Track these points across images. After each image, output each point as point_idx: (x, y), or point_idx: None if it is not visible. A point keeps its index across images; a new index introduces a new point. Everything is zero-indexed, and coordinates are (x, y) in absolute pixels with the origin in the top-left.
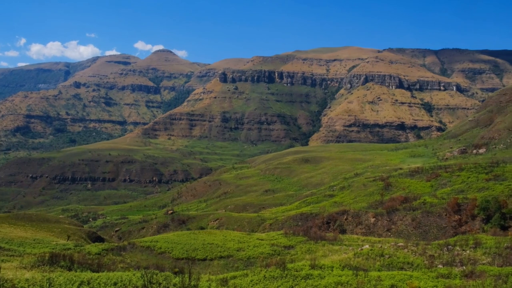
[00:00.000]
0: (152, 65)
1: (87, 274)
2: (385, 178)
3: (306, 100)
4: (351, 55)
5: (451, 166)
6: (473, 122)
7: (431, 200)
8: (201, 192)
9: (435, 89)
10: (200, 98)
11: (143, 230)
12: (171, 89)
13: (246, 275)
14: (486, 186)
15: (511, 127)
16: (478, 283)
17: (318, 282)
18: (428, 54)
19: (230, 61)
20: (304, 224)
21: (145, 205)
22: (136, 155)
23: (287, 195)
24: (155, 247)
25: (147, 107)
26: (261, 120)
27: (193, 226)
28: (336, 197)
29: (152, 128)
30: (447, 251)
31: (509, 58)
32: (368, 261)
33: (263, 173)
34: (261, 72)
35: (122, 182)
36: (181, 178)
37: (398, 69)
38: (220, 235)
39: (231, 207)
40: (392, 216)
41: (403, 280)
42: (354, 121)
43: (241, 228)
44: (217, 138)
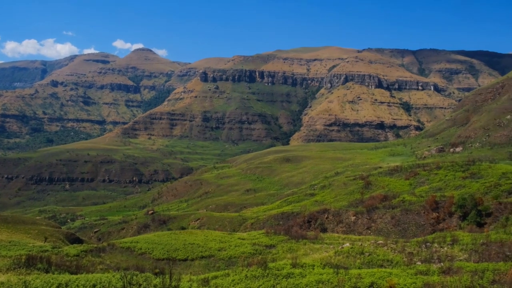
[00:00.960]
0: (132, 64)
1: (65, 276)
2: (365, 177)
3: (287, 99)
4: (331, 55)
5: (429, 165)
6: (450, 121)
7: (410, 198)
8: (182, 192)
9: (414, 88)
10: (180, 97)
11: (123, 231)
12: (151, 88)
13: (227, 275)
14: (462, 184)
15: (487, 126)
16: (456, 279)
17: (299, 281)
18: (406, 54)
19: (210, 60)
20: (285, 223)
21: (125, 205)
22: (115, 155)
23: (268, 195)
24: (135, 248)
25: (127, 106)
26: (242, 119)
27: (174, 226)
28: (317, 196)
29: (132, 128)
30: (426, 248)
31: (484, 58)
32: (348, 259)
33: (244, 172)
34: (242, 72)
35: (101, 182)
36: (161, 178)
37: (377, 69)
38: (201, 235)
39: (212, 207)
40: (372, 215)
41: (382, 277)
42: (335, 121)
43: (223, 228)
44: (198, 137)
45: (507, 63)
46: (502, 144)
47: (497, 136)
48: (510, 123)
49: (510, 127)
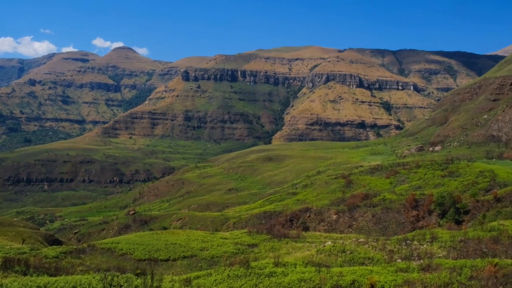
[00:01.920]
0: (112, 62)
1: (44, 279)
2: (346, 176)
3: (269, 99)
4: (313, 55)
5: (409, 164)
6: (429, 120)
7: (390, 197)
8: (163, 192)
9: (394, 88)
10: (162, 96)
11: (104, 232)
12: (132, 87)
13: (209, 275)
14: (441, 182)
15: (465, 126)
16: (435, 276)
17: (281, 280)
18: (386, 54)
19: (192, 59)
20: (267, 222)
21: (105, 206)
22: (95, 154)
23: (250, 194)
24: (116, 249)
25: (107, 105)
26: (224, 119)
27: (156, 226)
28: (299, 195)
29: (112, 127)
30: (406, 246)
31: (462, 59)
32: (330, 257)
33: (227, 172)
34: (224, 71)
35: (81, 182)
36: (143, 178)
37: (358, 68)
38: (183, 235)
39: (195, 207)
40: (354, 213)
41: (363, 275)
42: (316, 120)
43: (205, 228)
44: (179, 137)
45: (484, 64)
46: (479, 143)
47: (474, 136)
48: (487, 122)
49: (487, 126)
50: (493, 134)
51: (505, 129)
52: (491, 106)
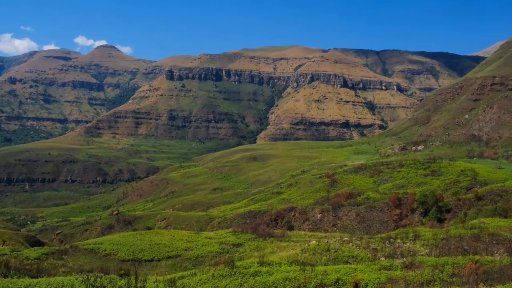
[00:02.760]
0: (95, 61)
1: (25, 281)
2: (330, 175)
3: (254, 98)
4: (297, 54)
5: (392, 163)
6: (412, 120)
7: (374, 196)
8: (147, 192)
9: (377, 88)
10: (146, 95)
11: (87, 232)
12: (116, 86)
13: (194, 275)
14: (424, 181)
15: (447, 125)
16: (417, 273)
17: (266, 279)
18: (370, 54)
19: (176, 58)
20: (252, 221)
21: (88, 206)
22: (78, 154)
23: (235, 193)
24: (100, 250)
25: (90, 104)
26: (208, 118)
27: (140, 226)
28: (284, 194)
29: (95, 126)
30: (389, 244)
31: (444, 60)
32: (315, 256)
33: (211, 171)
34: (208, 70)
35: (63, 182)
36: (126, 178)
37: (342, 68)
38: (168, 235)
39: (179, 206)
40: (338, 212)
41: (348, 273)
42: (301, 119)
43: (189, 227)
44: (164, 136)
45: (465, 65)
46: (461, 143)
47: (456, 135)
48: (468, 122)
49: (468, 126)
50: (474, 134)
51: (486, 128)
52: (472, 106)
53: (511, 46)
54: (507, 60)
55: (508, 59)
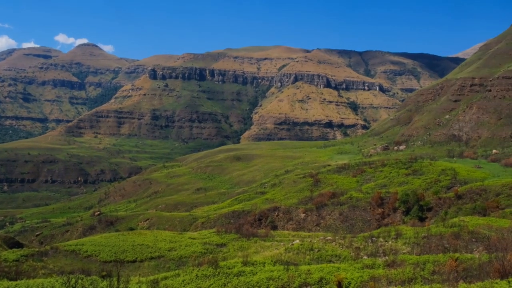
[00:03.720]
0: (76, 59)
1: (3, 283)
2: (314, 175)
3: (238, 98)
4: (281, 54)
5: (374, 162)
6: (394, 120)
7: (357, 195)
8: (130, 192)
9: (360, 89)
10: (128, 95)
11: (68, 233)
12: (97, 85)
13: (177, 275)
14: (406, 181)
15: (428, 125)
16: (399, 271)
17: (250, 279)
18: (353, 55)
19: (160, 58)
20: (236, 221)
21: (69, 206)
22: (59, 154)
23: (219, 193)
24: (81, 251)
25: (71, 103)
26: (192, 118)
27: (122, 227)
28: (268, 194)
29: (76, 126)
30: (372, 243)
31: (425, 61)
32: (298, 255)
33: (195, 171)
34: (192, 70)
35: (44, 183)
36: (108, 178)
37: (326, 69)
38: (151, 236)
39: (162, 207)
40: (321, 211)
41: (331, 272)
42: (285, 119)
43: (173, 228)
44: (146, 136)
45: (446, 66)
46: (441, 142)
47: (437, 135)
48: (449, 122)
49: (449, 126)
50: (454, 134)
51: (466, 128)
52: (452, 106)
53: (489, 48)
54: (486, 62)
55: (486, 61)
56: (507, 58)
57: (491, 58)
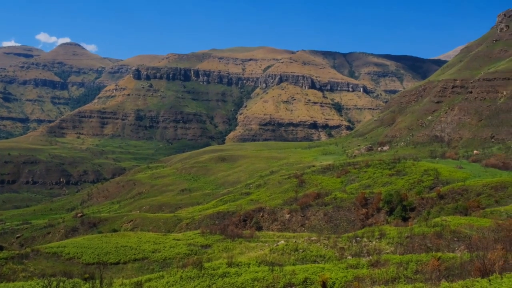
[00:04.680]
0: (58, 58)
1: None
2: (299, 175)
3: (223, 99)
4: (266, 55)
5: (359, 163)
6: (378, 121)
7: (341, 195)
8: (113, 193)
9: (344, 90)
10: (112, 95)
11: (49, 236)
12: (80, 85)
13: (162, 277)
14: (389, 181)
15: (411, 126)
16: (383, 271)
17: (235, 280)
18: (337, 56)
19: (144, 58)
20: (221, 222)
21: (51, 208)
22: (40, 155)
23: (204, 194)
24: (63, 253)
25: (53, 103)
26: (177, 118)
27: (105, 229)
28: (253, 195)
29: (58, 126)
30: (356, 243)
31: (408, 63)
32: (283, 256)
33: (179, 172)
34: (176, 70)
35: (24, 184)
36: (91, 179)
37: (310, 70)
38: (135, 237)
39: (146, 208)
40: (306, 212)
41: (315, 272)
42: (270, 120)
43: (157, 229)
44: (130, 136)
45: (428, 68)
46: (424, 143)
47: (419, 136)
48: (431, 123)
49: (431, 127)
50: (437, 135)
51: (447, 129)
52: (434, 108)
53: (470, 50)
54: (467, 64)
55: (467, 63)
56: (487, 60)
57: (472, 60)
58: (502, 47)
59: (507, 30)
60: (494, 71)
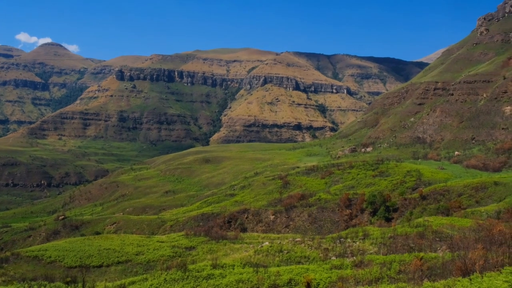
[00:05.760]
0: (39, 59)
1: None
2: (283, 177)
3: (207, 100)
4: (250, 57)
5: (342, 164)
6: (362, 123)
7: (326, 196)
8: (96, 196)
9: (328, 91)
10: (95, 96)
11: (30, 239)
12: (62, 85)
13: (145, 280)
14: (373, 182)
15: (393, 128)
16: (367, 271)
17: (219, 282)
18: (321, 58)
19: (127, 58)
20: (205, 224)
21: (32, 211)
22: (20, 157)
23: (188, 196)
24: (44, 256)
25: (34, 104)
26: (160, 120)
27: (88, 231)
28: (237, 196)
29: (40, 128)
30: (340, 244)
31: (391, 65)
32: (268, 257)
33: (163, 174)
34: (160, 71)
35: (4, 187)
36: (74, 181)
37: (295, 71)
38: (118, 240)
39: (130, 210)
40: (290, 213)
41: (300, 273)
42: (254, 121)
43: (141, 231)
44: (114, 138)
45: (411, 70)
46: (407, 144)
47: (402, 137)
48: (413, 125)
49: (413, 128)
50: (419, 136)
51: (429, 131)
52: (417, 109)
53: (451, 53)
54: (448, 67)
55: (449, 66)
56: (467, 63)
57: (453, 63)
58: (482, 50)
59: (487, 33)
60: (475, 73)
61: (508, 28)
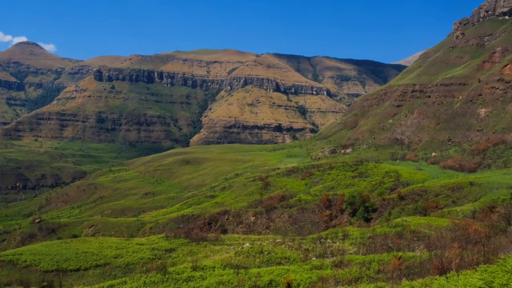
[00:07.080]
0: (14, 58)
1: None
2: (264, 178)
3: (187, 101)
4: (231, 58)
5: (322, 165)
6: (341, 124)
7: (306, 197)
8: (74, 198)
9: (308, 93)
10: (72, 96)
11: (4, 243)
12: (38, 85)
13: (124, 283)
14: (352, 183)
15: (372, 129)
16: (346, 271)
17: (199, 284)
18: (302, 60)
19: (106, 58)
20: (185, 226)
21: (6, 214)
22: None
23: (168, 197)
24: (19, 261)
25: (9, 105)
26: (140, 121)
27: (65, 234)
28: (218, 198)
29: (14, 129)
30: (320, 244)
31: (370, 67)
32: (248, 258)
33: (143, 175)
34: (140, 71)
35: None
36: (50, 183)
37: (275, 73)
38: (96, 243)
39: (108, 212)
40: (271, 214)
41: (281, 274)
42: (234, 123)
43: (120, 234)
44: (92, 139)
45: (389, 73)
46: (385, 146)
47: (381, 139)
48: (392, 126)
49: (392, 130)
50: (397, 137)
51: (407, 132)
52: (395, 111)
53: (428, 56)
54: (425, 69)
55: (426, 68)
56: (444, 66)
57: (430, 66)
58: (458, 54)
59: (463, 37)
60: (451, 76)
61: (483, 32)
